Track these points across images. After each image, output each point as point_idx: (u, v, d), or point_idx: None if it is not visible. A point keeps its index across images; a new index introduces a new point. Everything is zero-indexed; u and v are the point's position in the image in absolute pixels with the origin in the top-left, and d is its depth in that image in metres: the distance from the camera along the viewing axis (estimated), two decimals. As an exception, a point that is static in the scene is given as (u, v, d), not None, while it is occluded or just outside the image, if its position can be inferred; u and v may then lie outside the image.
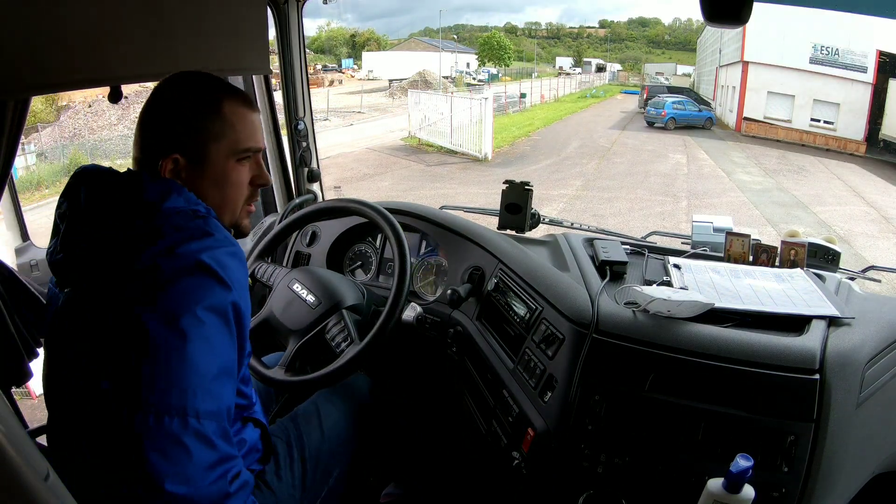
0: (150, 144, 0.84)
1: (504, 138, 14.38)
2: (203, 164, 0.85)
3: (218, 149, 0.85)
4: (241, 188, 0.90)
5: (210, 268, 0.74)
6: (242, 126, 0.87)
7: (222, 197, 0.88)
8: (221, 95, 0.86)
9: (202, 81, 0.87)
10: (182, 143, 0.83)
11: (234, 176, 0.88)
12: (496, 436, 1.13)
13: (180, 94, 0.85)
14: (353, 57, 48.39)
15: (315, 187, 1.82)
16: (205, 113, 0.84)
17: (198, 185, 0.85)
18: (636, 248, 1.35)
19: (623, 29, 75.67)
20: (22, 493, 0.46)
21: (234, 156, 0.87)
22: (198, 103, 0.84)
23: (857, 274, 1.30)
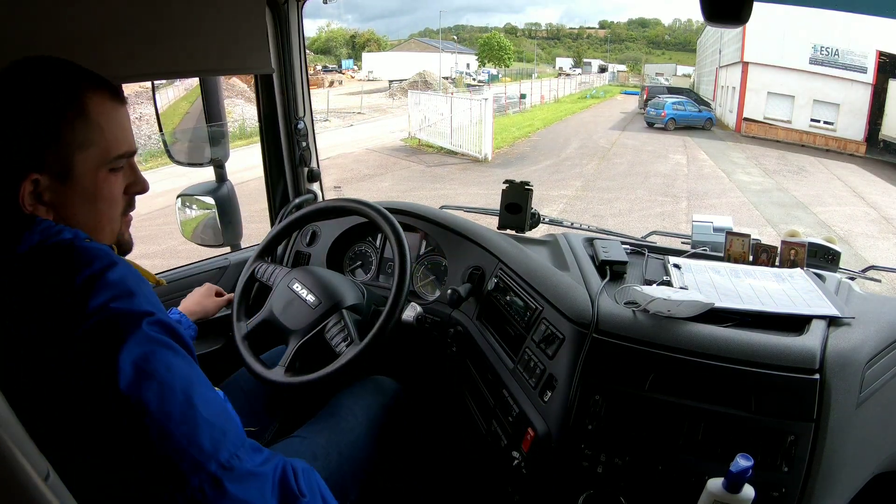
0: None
1: (504, 139, 14.39)
2: (68, 179, 0.69)
3: (85, 159, 0.69)
4: (117, 201, 0.75)
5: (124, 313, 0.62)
6: (112, 127, 0.71)
7: (96, 215, 0.73)
8: (83, 89, 0.69)
9: (55, 72, 0.69)
10: (40, 158, 0.67)
11: (107, 189, 0.73)
12: (496, 436, 1.13)
13: (30, 92, 0.67)
14: (353, 58, 48.42)
15: (315, 187, 1.82)
16: (65, 115, 0.68)
17: (65, 206, 0.70)
18: (636, 247, 1.35)
19: (623, 29, 75.71)
20: (22, 493, 0.46)
21: (106, 165, 0.72)
22: (55, 103, 0.67)
23: (857, 274, 1.30)
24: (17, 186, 0.66)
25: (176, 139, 1.57)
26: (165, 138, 1.51)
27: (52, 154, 0.67)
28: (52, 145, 0.67)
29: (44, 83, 0.68)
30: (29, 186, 0.66)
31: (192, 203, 1.57)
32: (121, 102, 0.73)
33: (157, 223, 6.35)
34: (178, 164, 1.53)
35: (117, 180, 0.74)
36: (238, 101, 14.07)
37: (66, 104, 0.68)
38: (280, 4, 1.55)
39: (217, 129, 1.52)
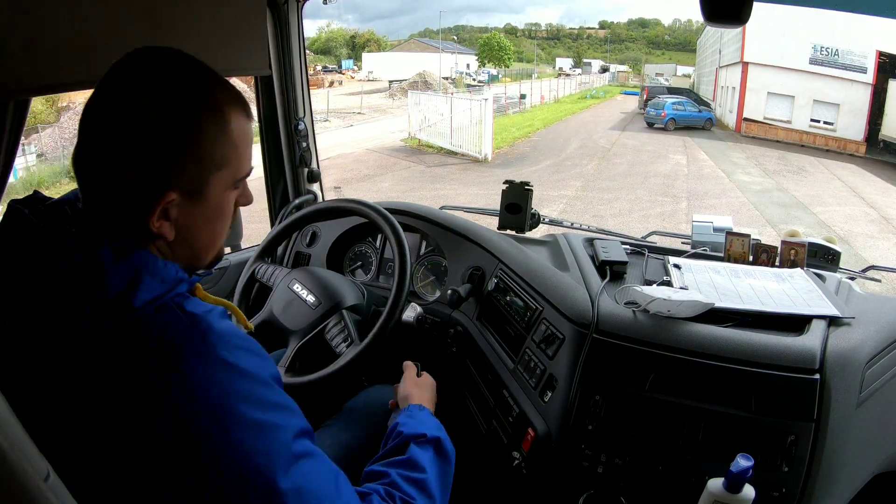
0: (121, 181, 0.60)
1: (504, 139, 14.39)
2: (199, 198, 0.64)
3: (219, 179, 0.65)
4: (230, 217, 0.72)
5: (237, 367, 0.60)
6: (246, 147, 0.67)
7: (212, 233, 0.69)
8: (225, 103, 0.63)
9: (196, 77, 0.63)
10: (180, 174, 0.61)
11: (227, 207, 0.69)
12: (496, 436, 1.13)
13: (173, 93, 0.61)
14: (352, 58, 48.44)
15: (315, 188, 1.82)
16: (209, 131, 0.62)
17: (189, 227, 0.65)
18: (636, 248, 1.35)
19: (623, 30, 75.76)
20: (22, 493, 0.46)
21: (233, 185, 0.68)
22: (199, 117, 0.61)
23: (857, 274, 1.30)
24: (150, 205, 0.60)
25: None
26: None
27: (190, 172, 0.62)
28: (192, 162, 0.62)
29: (187, 87, 0.62)
30: (162, 206, 0.61)
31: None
32: (251, 118, 0.68)
33: (157, 223, 6.33)
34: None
35: (234, 197, 0.70)
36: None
37: (211, 117, 0.62)
38: (280, 5, 1.55)
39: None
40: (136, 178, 0.60)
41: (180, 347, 0.58)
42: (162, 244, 0.65)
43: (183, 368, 0.57)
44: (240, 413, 0.58)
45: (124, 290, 0.58)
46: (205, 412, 0.57)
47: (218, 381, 0.58)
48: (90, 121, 0.61)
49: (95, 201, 0.62)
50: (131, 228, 0.62)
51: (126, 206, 0.61)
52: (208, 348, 0.58)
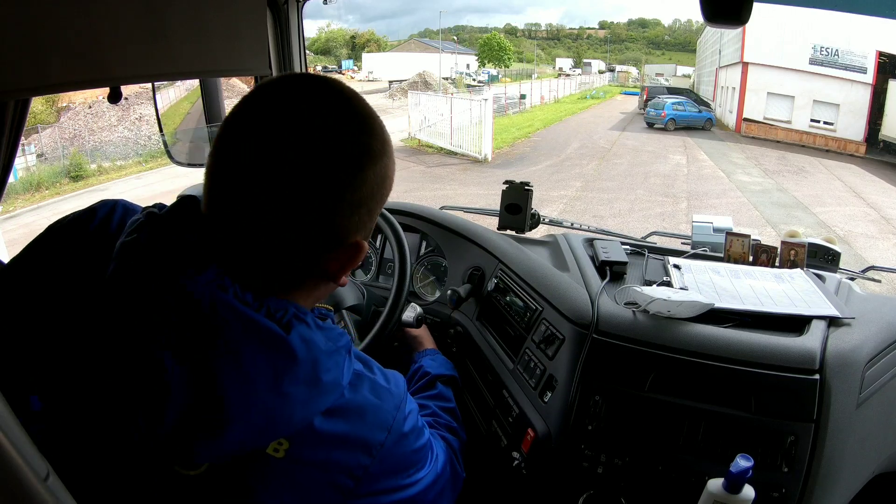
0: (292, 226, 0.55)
1: (504, 139, 14.40)
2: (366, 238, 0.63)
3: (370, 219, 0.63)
4: None
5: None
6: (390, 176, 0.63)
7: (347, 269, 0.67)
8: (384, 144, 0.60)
9: (377, 123, 0.60)
10: (363, 222, 0.60)
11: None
12: (496, 436, 1.13)
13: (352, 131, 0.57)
14: (352, 58, 48.46)
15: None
16: (386, 176, 0.61)
17: (347, 269, 0.64)
18: (636, 248, 1.35)
19: (623, 30, 75.80)
20: (22, 493, 0.46)
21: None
22: (388, 159, 0.60)
23: (857, 274, 1.30)
24: (336, 246, 0.59)
25: (176, 140, 1.57)
26: (166, 139, 1.51)
27: (367, 217, 0.60)
28: (372, 208, 0.60)
29: (378, 134, 0.59)
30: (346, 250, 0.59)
31: (192, 204, 1.57)
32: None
33: (157, 224, 6.32)
34: (179, 164, 1.53)
35: None
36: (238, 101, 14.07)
37: (388, 165, 0.61)
38: (280, 5, 1.55)
39: (217, 129, 1.52)
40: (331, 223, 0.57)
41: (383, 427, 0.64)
42: (326, 288, 0.65)
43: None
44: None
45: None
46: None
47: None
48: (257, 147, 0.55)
49: (263, 242, 0.57)
50: (305, 270, 0.59)
51: (307, 252, 0.58)
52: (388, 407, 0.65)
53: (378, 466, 0.62)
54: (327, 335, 0.59)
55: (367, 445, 0.61)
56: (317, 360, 0.56)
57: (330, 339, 0.59)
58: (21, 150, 9.79)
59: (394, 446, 0.64)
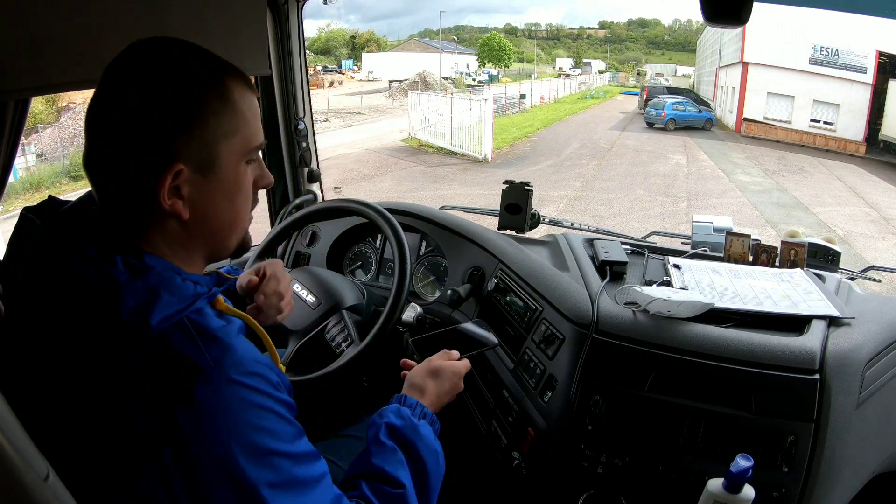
0: (127, 163, 0.61)
1: (504, 139, 14.39)
2: (211, 171, 0.64)
3: (229, 149, 0.64)
4: (250, 195, 0.71)
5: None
6: (253, 117, 0.67)
7: (234, 211, 0.68)
8: (226, 75, 0.65)
9: (195, 55, 0.64)
10: (183, 147, 0.61)
11: (245, 182, 0.68)
12: (496, 436, 1.13)
13: (172, 74, 0.61)
14: (352, 58, 48.47)
15: (315, 188, 1.82)
16: (211, 100, 0.62)
17: (204, 201, 0.64)
18: (636, 248, 1.35)
19: (623, 30, 75.79)
20: (22, 493, 0.46)
21: (245, 156, 0.67)
22: (200, 88, 0.62)
23: (857, 274, 1.30)
24: (158, 179, 0.60)
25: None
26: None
27: (196, 143, 0.62)
28: (197, 133, 0.61)
29: (186, 65, 0.62)
30: (171, 179, 0.60)
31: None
32: (254, 92, 0.68)
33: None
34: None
35: (250, 173, 0.69)
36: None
37: (212, 89, 0.62)
38: (280, 5, 1.55)
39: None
40: (141, 157, 0.60)
41: (192, 371, 0.57)
42: (178, 228, 0.64)
43: (193, 393, 0.56)
44: (247, 442, 0.58)
45: (139, 308, 0.57)
46: (211, 440, 0.56)
47: (227, 409, 0.57)
48: (94, 117, 0.62)
49: (107, 195, 0.63)
50: (144, 211, 0.62)
51: (136, 188, 0.61)
52: (221, 371, 0.58)
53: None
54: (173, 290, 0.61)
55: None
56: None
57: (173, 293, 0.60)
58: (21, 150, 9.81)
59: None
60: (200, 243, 0.67)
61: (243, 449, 0.57)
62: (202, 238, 0.67)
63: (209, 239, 0.68)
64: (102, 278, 0.59)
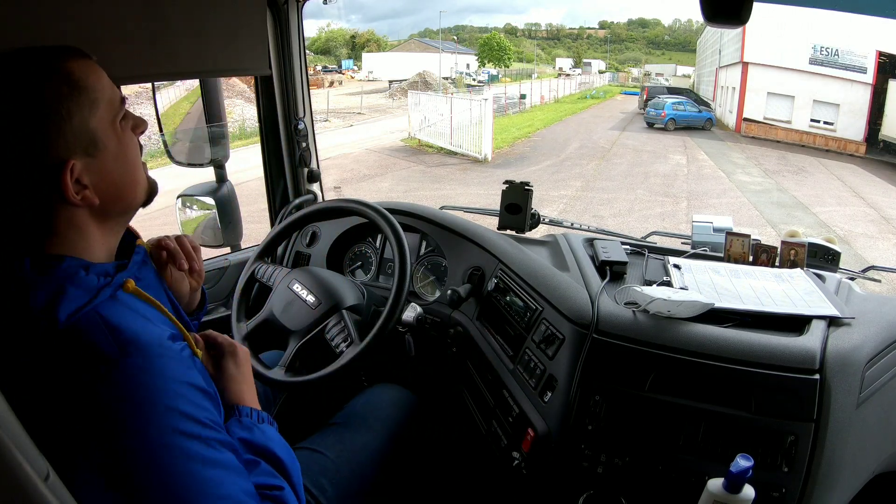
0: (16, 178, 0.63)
1: (504, 139, 14.38)
2: (98, 148, 0.66)
3: (100, 120, 0.66)
4: (136, 148, 0.72)
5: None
6: (103, 80, 0.68)
7: (130, 170, 0.71)
8: (63, 62, 0.65)
9: (29, 60, 0.64)
10: (63, 142, 0.63)
11: (127, 138, 0.70)
12: (496, 436, 1.13)
13: (20, 87, 0.62)
14: (352, 58, 48.46)
15: (315, 188, 1.82)
16: (61, 92, 0.63)
17: (108, 178, 0.67)
18: (636, 248, 1.35)
19: (623, 30, 75.76)
20: (22, 493, 0.46)
21: (117, 118, 0.69)
22: (42, 85, 0.62)
23: (857, 274, 1.30)
24: (58, 183, 0.62)
25: (176, 140, 1.57)
26: (165, 139, 1.51)
27: (70, 134, 0.63)
28: (65, 126, 0.63)
29: (19, 73, 0.62)
30: (69, 176, 0.62)
31: (192, 203, 1.58)
32: (92, 59, 0.69)
33: (157, 223, 6.34)
34: (178, 164, 1.53)
35: (128, 128, 0.71)
36: (238, 101, 14.07)
37: (54, 83, 0.63)
38: (280, 5, 1.55)
39: (217, 129, 1.52)
40: (28, 171, 0.62)
41: (101, 362, 0.58)
42: (90, 214, 0.67)
43: (106, 382, 0.58)
44: (159, 424, 0.59)
45: (48, 305, 0.59)
46: (124, 428, 0.58)
47: (135, 395, 0.59)
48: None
49: (11, 207, 0.64)
50: (50, 213, 0.64)
51: (37, 198, 0.63)
52: (128, 361, 0.59)
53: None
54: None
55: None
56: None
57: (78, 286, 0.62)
58: (21, 150, 9.78)
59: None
60: (115, 213, 0.70)
61: (157, 432, 0.58)
62: (115, 208, 0.70)
63: (121, 205, 0.70)
64: (10, 276, 0.61)
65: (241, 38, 1.35)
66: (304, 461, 1.03)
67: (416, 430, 1.24)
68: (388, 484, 1.13)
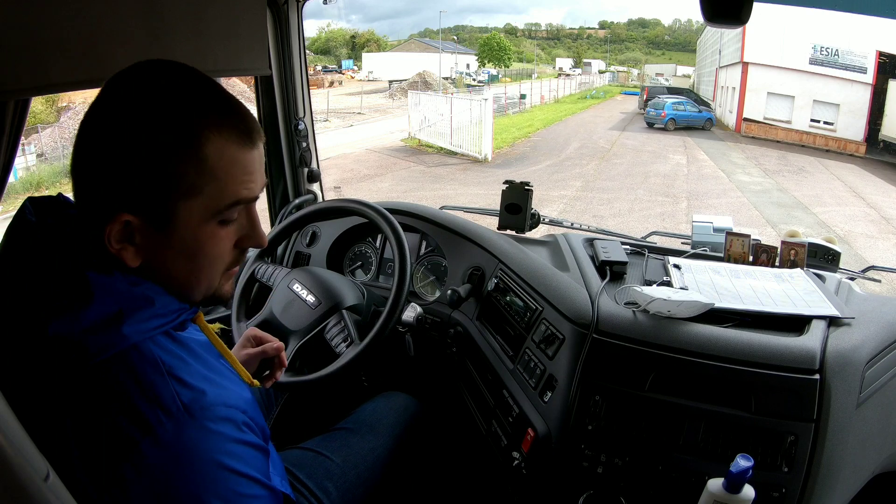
0: (89, 195, 0.59)
1: (504, 139, 14.39)
2: (167, 227, 0.59)
3: (190, 209, 0.59)
4: (221, 257, 0.64)
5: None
6: (231, 173, 0.59)
7: (192, 271, 0.63)
8: (203, 125, 0.57)
9: (175, 95, 0.58)
10: (135, 198, 0.57)
11: (212, 244, 0.62)
12: (496, 436, 1.13)
13: (137, 114, 0.56)
14: (352, 58, 48.47)
15: (315, 187, 1.82)
16: (175, 154, 0.57)
17: (157, 254, 0.60)
18: (636, 248, 1.35)
19: (623, 30, 75.80)
20: (22, 493, 0.46)
21: (215, 217, 0.60)
22: (165, 137, 0.56)
23: (857, 274, 1.30)
24: (106, 222, 0.57)
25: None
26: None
27: (151, 197, 0.57)
28: (153, 187, 0.57)
29: (158, 109, 0.57)
30: (118, 227, 0.57)
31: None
32: (248, 145, 0.61)
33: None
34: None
35: (227, 234, 0.63)
36: (238, 101, 14.06)
37: (179, 141, 0.56)
38: (280, 5, 1.55)
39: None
40: (95, 193, 0.58)
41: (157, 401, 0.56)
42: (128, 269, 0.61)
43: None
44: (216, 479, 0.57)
45: (110, 319, 0.56)
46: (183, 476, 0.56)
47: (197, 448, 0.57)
48: (80, 128, 0.59)
49: (81, 210, 0.61)
50: (96, 246, 0.59)
51: (90, 222, 0.59)
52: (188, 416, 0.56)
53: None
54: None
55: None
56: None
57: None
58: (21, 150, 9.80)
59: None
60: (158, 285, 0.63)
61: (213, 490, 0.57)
62: (158, 283, 0.62)
63: (165, 287, 0.63)
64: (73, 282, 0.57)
65: (241, 37, 1.35)
66: (310, 464, 1.04)
67: (421, 437, 1.24)
68: (392, 490, 1.14)
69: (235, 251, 0.66)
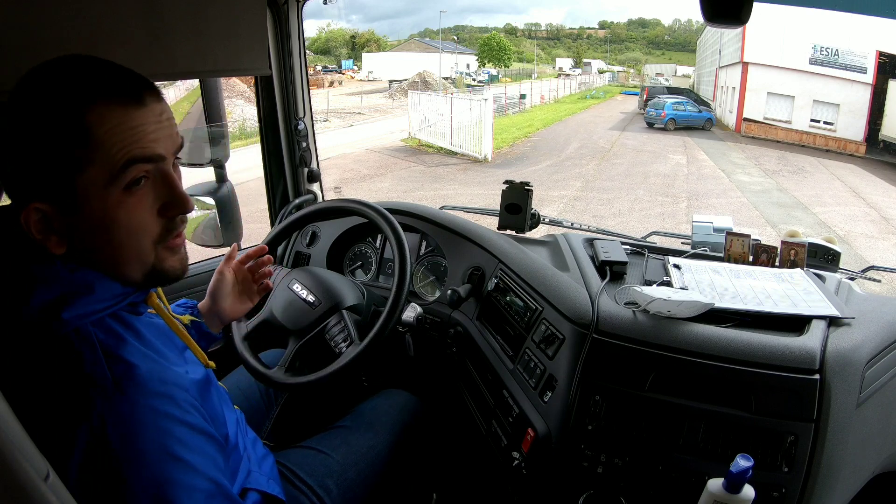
0: (8, 190, 0.62)
1: (504, 139, 14.39)
2: (76, 207, 0.59)
3: (87, 181, 0.58)
4: (143, 228, 0.63)
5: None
6: (117, 135, 0.58)
7: (115, 247, 0.62)
8: (81, 99, 0.58)
9: (50, 79, 0.59)
10: (37, 186, 0.59)
11: (125, 214, 0.61)
12: (496, 436, 1.13)
13: (28, 113, 0.58)
14: (352, 58, 48.48)
15: (315, 187, 1.82)
16: (58, 132, 0.57)
17: (78, 238, 0.61)
18: (636, 248, 1.35)
19: (623, 30, 75.81)
20: (22, 493, 0.46)
21: (115, 184, 0.59)
22: (45, 118, 0.57)
23: (857, 274, 1.30)
24: (21, 214, 0.59)
25: (176, 139, 1.56)
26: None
27: (49, 181, 0.58)
28: (47, 171, 0.58)
29: (35, 95, 0.58)
30: (34, 216, 0.59)
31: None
32: (135, 104, 0.60)
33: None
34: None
35: (139, 201, 0.62)
36: (238, 101, 14.08)
37: (58, 120, 0.57)
38: (280, 5, 1.55)
39: (217, 129, 1.52)
40: (9, 188, 0.61)
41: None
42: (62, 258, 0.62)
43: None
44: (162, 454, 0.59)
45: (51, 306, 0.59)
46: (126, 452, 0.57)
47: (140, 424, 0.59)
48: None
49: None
50: (24, 239, 0.61)
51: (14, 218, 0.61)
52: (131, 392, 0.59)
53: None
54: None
55: None
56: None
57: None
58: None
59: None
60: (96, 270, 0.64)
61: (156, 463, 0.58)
62: (94, 268, 0.63)
63: (106, 271, 0.64)
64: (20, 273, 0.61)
65: (241, 37, 1.35)
66: (310, 462, 1.04)
67: (421, 434, 1.25)
68: (392, 486, 1.14)
69: (162, 220, 0.65)
